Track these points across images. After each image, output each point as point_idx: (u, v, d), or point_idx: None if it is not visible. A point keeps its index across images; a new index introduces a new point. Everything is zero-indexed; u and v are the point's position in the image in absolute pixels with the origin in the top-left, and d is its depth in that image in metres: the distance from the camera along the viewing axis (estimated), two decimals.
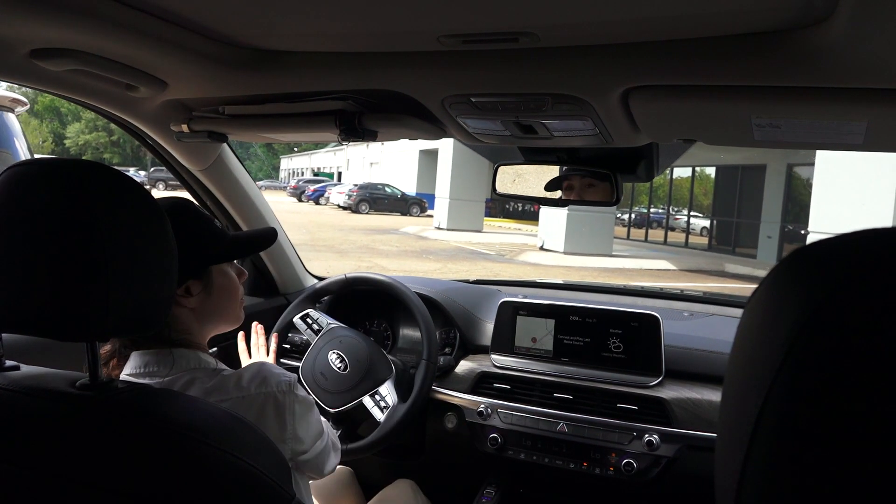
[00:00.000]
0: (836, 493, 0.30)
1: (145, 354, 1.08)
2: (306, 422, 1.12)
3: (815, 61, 0.87)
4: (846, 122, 1.05)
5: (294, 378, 1.12)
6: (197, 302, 1.12)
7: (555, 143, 1.39)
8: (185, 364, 1.08)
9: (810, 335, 0.32)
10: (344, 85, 1.24)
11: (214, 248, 1.15)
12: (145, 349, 1.09)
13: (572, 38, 0.97)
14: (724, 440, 0.37)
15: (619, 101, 1.09)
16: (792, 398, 0.32)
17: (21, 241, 0.77)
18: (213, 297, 1.15)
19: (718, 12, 0.83)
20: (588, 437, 1.70)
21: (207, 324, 1.16)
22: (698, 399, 1.66)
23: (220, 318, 1.18)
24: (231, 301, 1.20)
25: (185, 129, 1.48)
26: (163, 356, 1.08)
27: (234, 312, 1.21)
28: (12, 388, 0.81)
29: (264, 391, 1.05)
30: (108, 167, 0.83)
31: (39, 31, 1.02)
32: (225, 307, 1.18)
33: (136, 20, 0.99)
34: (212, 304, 1.15)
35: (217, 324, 1.18)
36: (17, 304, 0.78)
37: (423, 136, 1.43)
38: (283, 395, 1.07)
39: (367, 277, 1.97)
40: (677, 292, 2.44)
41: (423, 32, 0.98)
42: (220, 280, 1.17)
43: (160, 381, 1.05)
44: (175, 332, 1.10)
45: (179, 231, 1.08)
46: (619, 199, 1.55)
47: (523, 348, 1.86)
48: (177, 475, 0.73)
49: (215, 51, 1.14)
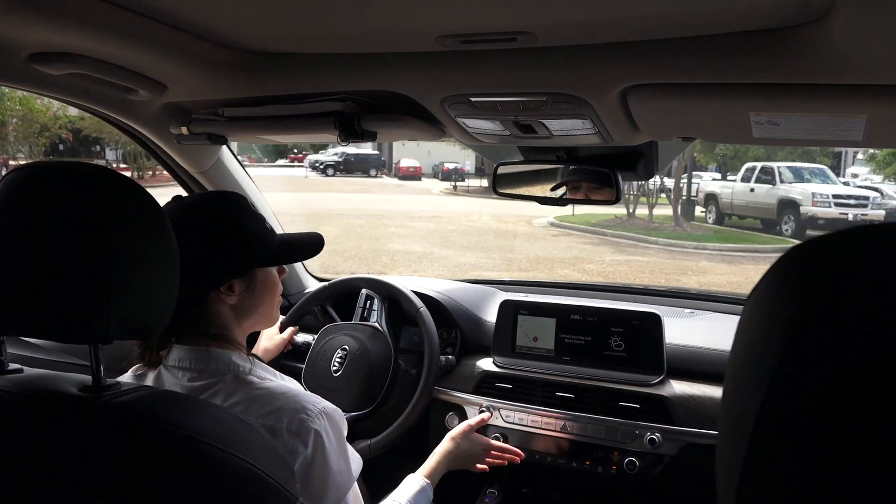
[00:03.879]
0: (836, 490, 0.30)
1: (182, 349, 1.09)
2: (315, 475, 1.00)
3: (813, 58, 0.87)
4: (845, 119, 1.05)
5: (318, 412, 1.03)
6: (238, 300, 1.12)
7: (554, 143, 1.39)
8: (218, 365, 1.07)
9: (809, 332, 0.32)
10: (343, 86, 1.24)
11: (263, 250, 1.14)
12: (185, 343, 1.09)
13: (570, 38, 0.97)
14: (725, 438, 0.37)
15: (617, 100, 1.09)
16: (791, 395, 0.32)
17: (24, 244, 0.77)
18: (254, 295, 1.15)
19: (716, 10, 0.83)
20: (590, 436, 1.70)
21: (245, 321, 1.16)
22: (700, 397, 1.66)
23: (258, 317, 1.18)
24: (271, 300, 1.20)
25: (185, 132, 1.48)
26: (200, 353, 1.08)
27: (271, 312, 1.21)
28: (15, 390, 0.81)
29: (270, 424, 0.99)
30: (111, 170, 0.83)
31: (38, 36, 1.02)
32: (264, 306, 1.18)
33: (135, 24, 0.99)
34: (253, 302, 1.15)
35: (255, 322, 1.18)
36: (19, 307, 0.78)
37: (422, 137, 1.44)
38: (289, 436, 0.99)
39: (370, 279, 1.97)
40: (678, 291, 2.44)
41: (422, 33, 0.98)
42: (263, 279, 1.17)
43: (192, 379, 1.06)
44: (213, 327, 1.10)
45: (228, 226, 1.10)
46: (620, 198, 1.55)
47: (525, 348, 1.86)
48: (179, 477, 0.73)
49: (214, 53, 1.14)
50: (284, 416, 1.00)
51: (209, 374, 1.06)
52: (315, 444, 1.00)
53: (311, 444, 0.99)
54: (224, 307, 1.12)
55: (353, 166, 30.62)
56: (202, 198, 1.18)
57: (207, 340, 1.09)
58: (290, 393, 1.04)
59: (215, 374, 1.07)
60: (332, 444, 1.02)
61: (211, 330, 1.10)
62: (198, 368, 1.07)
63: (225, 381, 1.05)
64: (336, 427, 1.05)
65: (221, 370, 1.07)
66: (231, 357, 1.09)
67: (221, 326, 1.11)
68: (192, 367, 1.07)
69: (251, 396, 1.03)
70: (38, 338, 0.81)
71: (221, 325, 1.11)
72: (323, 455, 1.01)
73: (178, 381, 1.07)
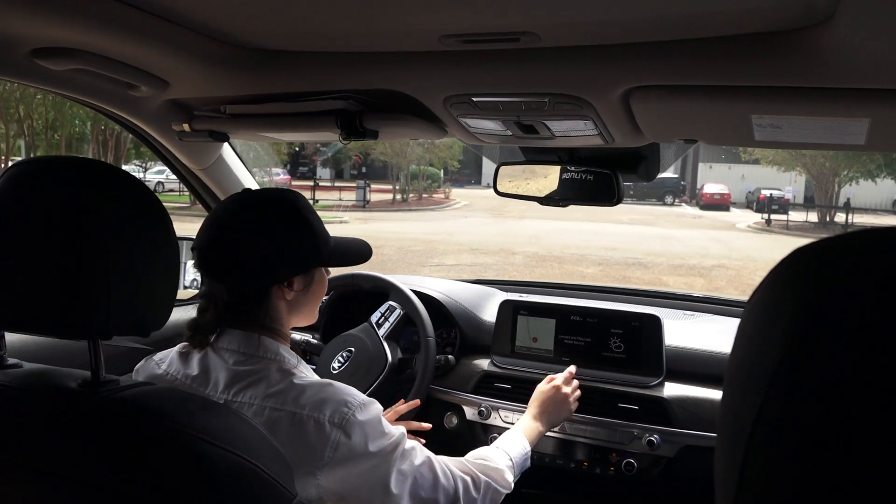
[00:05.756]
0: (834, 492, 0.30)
1: (233, 333, 1.12)
2: (352, 471, 1.03)
3: (817, 61, 0.87)
4: (848, 123, 1.05)
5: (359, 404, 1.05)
6: (294, 296, 1.15)
7: (556, 143, 1.39)
8: (266, 353, 1.10)
9: (808, 336, 0.32)
10: (345, 84, 1.24)
11: (325, 249, 1.17)
12: (239, 328, 1.12)
13: (573, 39, 0.97)
14: (724, 440, 0.37)
15: (620, 102, 1.09)
16: (790, 398, 0.32)
17: (23, 239, 0.77)
18: (309, 293, 1.17)
19: (719, 13, 0.83)
20: (589, 436, 1.70)
21: (294, 316, 1.18)
22: (699, 399, 1.65)
23: (305, 313, 1.21)
24: (319, 299, 1.23)
25: (187, 129, 1.48)
26: (250, 340, 1.10)
27: (315, 311, 1.24)
28: (14, 384, 0.81)
29: (315, 416, 1.02)
30: (109, 165, 0.83)
31: (41, 31, 1.02)
32: (314, 304, 1.21)
33: (137, 20, 0.99)
34: (305, 299, 1.18)
35: (301, 318, 1.21)
36: (18, 303, 0.78)
37: (424, 136, 1.43)
38: (331, 427, 1.01)
39: (369, 276, 1.97)
40: (678, 293, 2.44)
41: (425, 32, 0.98)
42: (319, 278, 1.20)
43: (237, 363, 1.08)
44: (268, 318, 1.13)
45: (299, 224, 1.13)
46: (621, 199, 1.54)
47: (524, 348, 1.86)
48: (175, 473, 0.73)
49: (217, 50, 1.14)
50: (327, 409, 1.02)
51: (256, 361, 1.09)
52: (360, 434, 1.03)
53: (356, 434, 1.02)
54: (281, 302, 1.14)
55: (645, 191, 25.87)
56: (274, 192, 1.19)
57: (259, 329, 1.12)
58: (333, 387, 1.07)
59: (262, 361, 1.09)
60: (375, 430, 1.05)
61: (266, 322, 1.13)
62: (246, 353, 1.10)
63: (270, 370, 1.08)
64: (376, 415, 1.08)
65: (269, 358, 1.10)
66: (279, 349, 1.12)
67: (274, 320, 1.14)
68: (240, 350, 1.10)
69: (294, 386, 1.05)
70: (38, 333, 0.81)
71: (275, 318, 1.14)
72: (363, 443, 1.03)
73: (224, 363, 1.10)
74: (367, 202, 22.24)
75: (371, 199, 22.66)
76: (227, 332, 1.12)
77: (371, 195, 22.77)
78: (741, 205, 24.90)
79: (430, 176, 25.79)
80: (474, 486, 1.19)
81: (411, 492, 1.07)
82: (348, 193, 22.63)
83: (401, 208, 22.52)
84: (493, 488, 1.24)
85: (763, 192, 22.16)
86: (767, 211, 20.48)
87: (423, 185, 25.13)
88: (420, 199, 24.53)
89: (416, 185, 24.92)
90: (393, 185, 24.06)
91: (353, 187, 23.51)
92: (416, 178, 24.99)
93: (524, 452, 1.42)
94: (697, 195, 26.41)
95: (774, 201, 20.87)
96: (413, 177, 24.82)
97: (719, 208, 24.10)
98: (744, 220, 20.75)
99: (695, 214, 22.52)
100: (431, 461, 1.13)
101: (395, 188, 23.89)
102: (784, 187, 22.42)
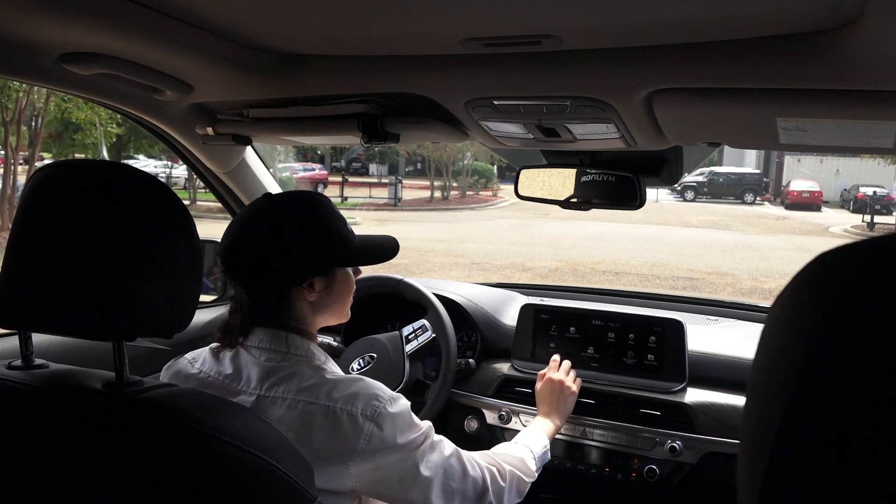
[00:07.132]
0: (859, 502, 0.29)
1: (263, 331, 1.14)
2: (384, 462, 1.06)
3: (843, 63, 0.85)
4: (875, 125, 1.04)
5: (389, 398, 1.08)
6: (317, 297, 1.17)
7: (578, 147, 1.38)
8: (297, 350, 1.13)
9: (833, 342, 0.31)
10: (367, 88, 1.25)
11: (345, 250, 1.18)
12: (266, 327, 1.14)
13: (595, 41, 0.96)
14: (747, 448, 0.36)
15: (642, 105, 1.08)
16: (815, 406, 0.31)
17: (49, 241, 0.78)
18: (332, 293, 1.19)
19: (744, 15, 0.82)
20: (610, 442, 1.68)
21: (320, 316, 1.20)
22: (722, 405, 1.63)
23: (333, 313, 1.22)
24: (346, 298, 1.24)
25: (210, 132, 1.49)
26: (280, 338, 1.13)
27: (345, 309, 1.25)
28: (40, 385, 0.82)
29: (348, 409, 1.05)
30: (135, 169, 0.84)
31: (69, 36, 1.04)
32: (340, 304, 1.23)
33: (163, 25, 1.00)
34: (330, 300, 1.19)
35: (328, 317, 1.22)
36: (45, 304, 0.79)
37: (445, 140, 1.44)
38: (363, 420, 1.05)
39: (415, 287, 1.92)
40: (702, 298, 2.41)
41: (446, 36, 0.98)
42: (342, 278, 1.21)
43: (268, 360, 1.11)
44: (292, 319, 1.15)
45: (316, 226, 1.15)
46: (643, 203, 1.53)
47: (545, 352, 1.85)
48: (197, 473, 0.73)
49: (240, 55, 1.15)
50: (359, 402, 1.05)
51: (286, 357, 1.12)
52: (391, 426, 1.06)
53: (387, 426, 1.06)
54: (303, 303, 1.16)
55: (721, 189, 23.41)
56: (291, 196, 1.21)
57: (286, 329, 1.14)
58: (363, 381, 1.10)
59: (292, 358, 1.12)
60: (405, 422, 1.09)
61: (291, 322, 1.15)
62: (277, 350, 1.12)
63: (300, 366, 1.11)
64: (406, 409, 1.11)
65: (299, 355, 1.13)
66: (309, 346, 1.15)
67: (299, 320, 1.16)
68: (271, 348, 1.13)
69: (326, 381, 1.08)
70: (63, 334, 0.82)
71: (299, 318, 1.16)
72: (394, 434, 1.06)
73: (255, 360, 1.13)
74: (399, 200, 21.28)
75: (404, 198, 21.58)
76: (256, 330, 1.15)
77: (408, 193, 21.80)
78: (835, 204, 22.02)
79: (480, 172, 24.27)
80: (500, 475, 1.24)
81: (442, 482, 1.11)
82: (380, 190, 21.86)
83: (436, 207, 21.50)
84: (518, 477, 1.29)
85: (862, 190, 19.55)
86: (870, 212, 17.35)
87: (470, 182, 23.78)
88: (464, 196, 23.31)
89: (462, 182, 23.61)
90: (431, 181, 22.97)
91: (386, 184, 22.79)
92: (461, 175, 23.57)
93: (544, 446, 1.46)
94: (783, 193, 23.49)
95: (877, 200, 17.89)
96: (457, 173, 23.49)
97: (808, 208, 21.26)
98: (839, 223, 17.82)
99: (778, 215, 19.85)
100: (459, 453, 1.17)
101: (431, 185, 22.88)
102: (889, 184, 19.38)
